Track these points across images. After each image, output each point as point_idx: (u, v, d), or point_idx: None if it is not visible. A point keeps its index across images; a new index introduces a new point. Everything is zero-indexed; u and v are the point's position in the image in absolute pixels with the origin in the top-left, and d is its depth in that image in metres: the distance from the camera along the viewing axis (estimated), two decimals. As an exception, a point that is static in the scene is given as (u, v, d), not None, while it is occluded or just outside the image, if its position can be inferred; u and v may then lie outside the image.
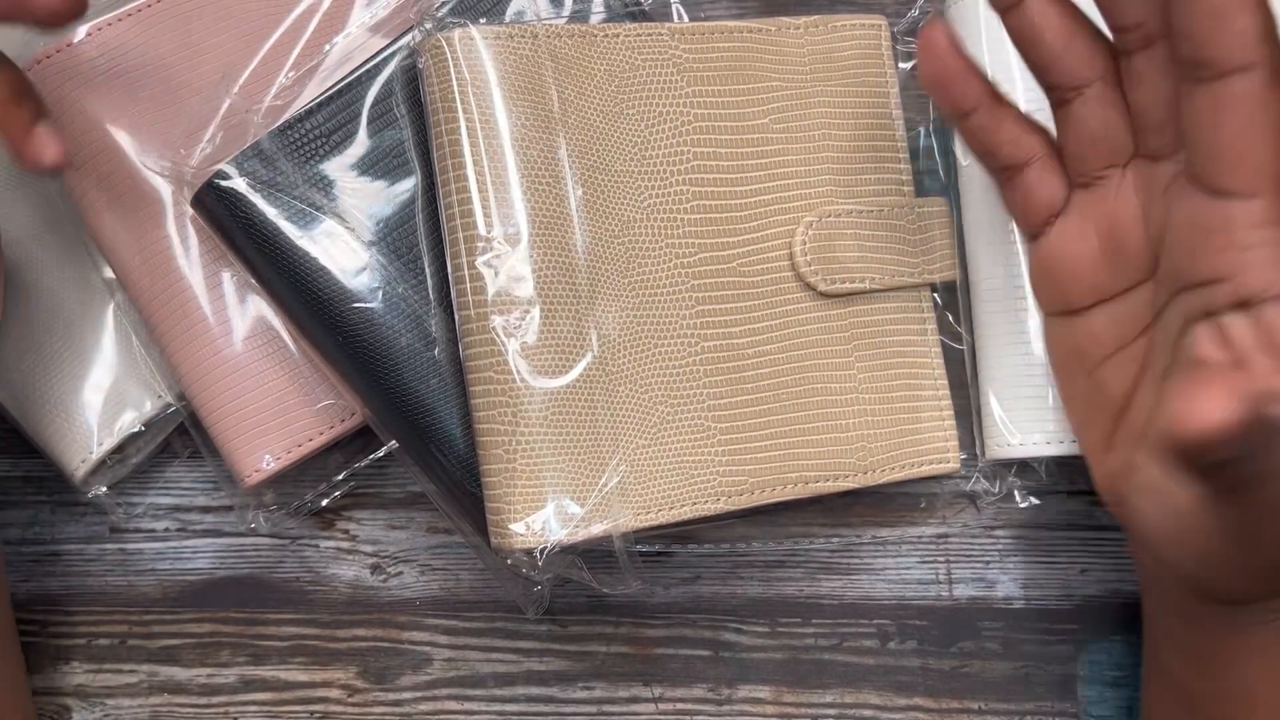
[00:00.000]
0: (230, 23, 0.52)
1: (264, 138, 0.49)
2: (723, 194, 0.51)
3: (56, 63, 0.50)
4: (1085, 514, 0.56)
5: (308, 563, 0.56)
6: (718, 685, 0.55)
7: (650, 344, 0.48)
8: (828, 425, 0.51)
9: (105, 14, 0.51)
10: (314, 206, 0.49)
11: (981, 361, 0.54)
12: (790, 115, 0.53)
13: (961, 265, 0.55)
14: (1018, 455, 0.52)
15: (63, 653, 0.56)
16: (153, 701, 0.56)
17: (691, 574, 0.56)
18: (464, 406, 0.49)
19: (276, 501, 0.55)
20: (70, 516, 0.57)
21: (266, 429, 0.52)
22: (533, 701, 0.55)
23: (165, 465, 0.57)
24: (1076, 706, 0.55)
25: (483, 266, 0.46)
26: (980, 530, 0.56)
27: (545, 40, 0.48)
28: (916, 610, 0.56)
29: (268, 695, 0.56)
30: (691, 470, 0.48)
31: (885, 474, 0.52)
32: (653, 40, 0.50)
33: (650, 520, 0.47)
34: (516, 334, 0.46)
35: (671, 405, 0.48)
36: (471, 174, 0.46)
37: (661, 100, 0.50)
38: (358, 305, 0.49)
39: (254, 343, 0.52)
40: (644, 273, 0.49)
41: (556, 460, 0.46)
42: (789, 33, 0.53)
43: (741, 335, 0.50)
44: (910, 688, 0.55)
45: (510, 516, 0.45)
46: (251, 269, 0.50)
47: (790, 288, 0.52)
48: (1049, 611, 0.55)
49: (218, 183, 0.48)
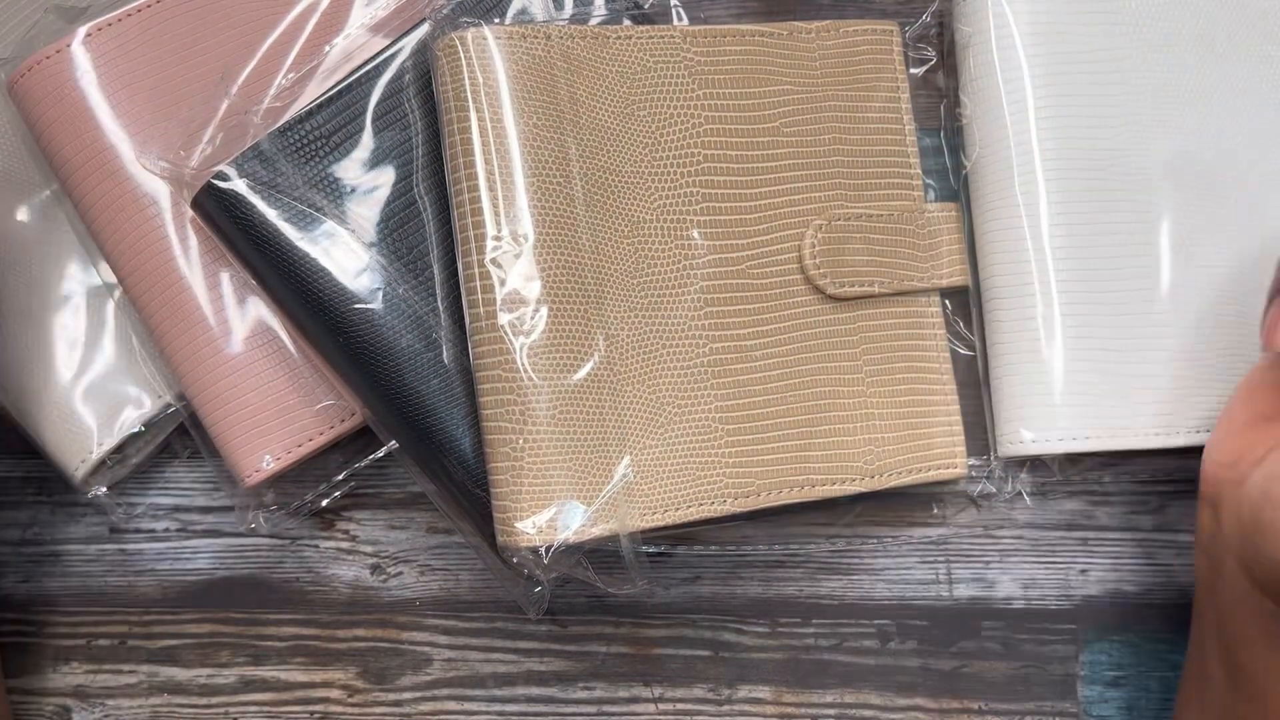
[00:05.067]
0: (230, 23, 0.52)
1: (264, 139, 0.49)
2: (733, 196, 0.51)
3: (56, 63, 0.50)
4: (1085, 514, 0.56)
5: (308, 563, 0.56)
6: (718, 685, 0.55)
7: (658, 345, 0.48)
8: (835, 429, 0.51)
9: (105, 14, 0.51)
10: (314, 208, 0.49)
11: (993, 361, 0.54)
12: (801, 119, 0.53)
13: (971, 270, 0.55)
14: (1030, 452, 0.53)
15: (63, 653, 0.56)
16: (153, 702, 0.56)
17: (692, 574, 0.56)
18: (465, 407, 0.49)
19: (276, 501, 0.55)
20: (70, 516, 0.57)
21: (266, 429, 0.52)
22: (533, 702, 0.55)
23: (165, 465, 0.57)
24: (1076, 706, 0.55)
25: (492, 265, 0.46)
26: (980, 530, 0.56)
27: (558, 41, 0.48)
28: (917, 610, 0.56)
29: (268, 695, 0.56)
30: (698, 471, 0.48)
31: (892, 479, 0.52)
32: (665, 42, 0.50)
33: (656, 521, 0.47)
34: (525, 333, 0.46)
35: (679, 406, 0.48)
36: (482, 173, 0.46)
37: (672, 102, 0.50)
38: (358, 306, 0.49)
39: (254, 343, 0.51)
40: (653, 274, 0.49)
41: (564, 459, 0.46)
42: (801, 36, 0.53)
43: (750, 337, 0.50)
44: (910, 688, 0.55)
45: (517, 515, 0.45)
46: (252, 270, 0.50)
47: (799, 290, 0.52)
48: (1049, 611, 0.55)
49: (217, 184, 0.48)
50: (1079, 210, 0.53)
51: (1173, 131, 0.54)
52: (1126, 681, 0.55)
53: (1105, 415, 0.53)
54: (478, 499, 0.49)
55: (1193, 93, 0.55)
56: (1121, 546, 0.56)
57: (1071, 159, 0.54)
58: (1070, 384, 0.52)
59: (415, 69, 0.50)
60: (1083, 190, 0.53)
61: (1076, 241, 0.53)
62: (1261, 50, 0.56)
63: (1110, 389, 0.53)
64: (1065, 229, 0.53)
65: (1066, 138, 0.54)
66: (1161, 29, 0.55)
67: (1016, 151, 0.54)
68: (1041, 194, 0.53)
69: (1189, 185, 0.54)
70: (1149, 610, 0.55)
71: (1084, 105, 0.54)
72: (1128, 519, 0.56)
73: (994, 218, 0.54)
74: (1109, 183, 0.54)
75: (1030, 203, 0.53)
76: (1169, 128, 0.54)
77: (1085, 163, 0.54)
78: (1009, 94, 0.54)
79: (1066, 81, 0.54)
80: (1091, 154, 0.54)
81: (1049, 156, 0.53)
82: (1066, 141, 0.54)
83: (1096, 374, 0.53)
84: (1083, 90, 0.54)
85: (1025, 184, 0.53)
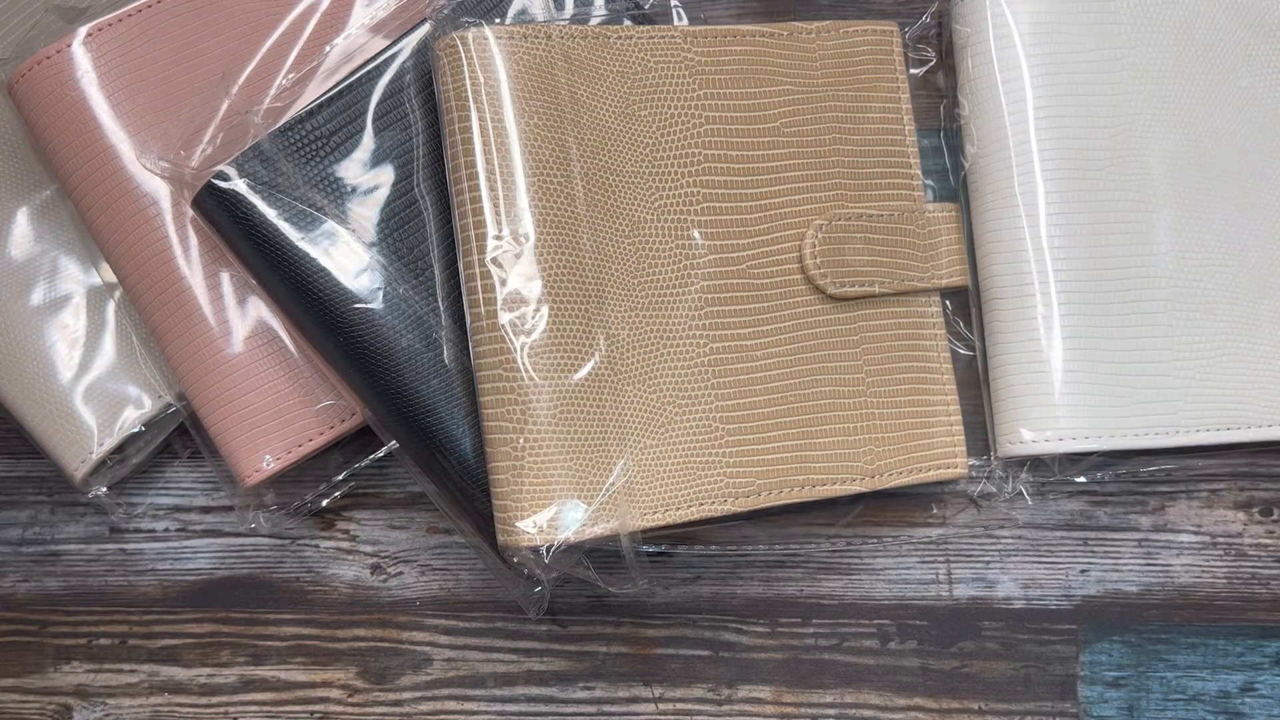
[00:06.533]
0: (230, 23, 0.52)
1: (264, 139, 0.49)
2: (733, 196, 0.51)
3: (56, 63, 0.50)
4: (1085, 514, 0.56)
5: (308, 563, 0.56)
6: (718, 685, 0.55)
7: (659, 344, 0.48)
8: (836, 428, 0.51)
9: (105, 14, 0.51)
10: (315, 208, 0.49)
11: (993, 361, 0.54)
12: (801, 119, 0.53)
13: (971, 270, 0.55)
14: (1030, 452, 0.53)
15: (63, 653, 0.56)
16: (153, 701, 0.56)
17: (692, 574, 0.56)
18: (465, 407, 0.49)
19: (276, 501, 0.55)
20: (70, 516, 0.57)
21: (266, 429, 0.52)
22: (533, 701, 0.55)
23: (165, 465, 0.57)
24: (1076, 706, 0.55)
25: (493, 265, 0.46)
26: (980, 530, 0.56)
27: (559, 41, 0.48)
28: (916, 610, 0.56)
29: (268, 695, 0.56)
30: (699, 471, 0.48)
31: (893, 478, 0.52)
32: (665, 43, 0.50)
33: (657, 520, 0.47)
34: (526, 332, 0.46)
35: (679, 406, 0.48)
36: (483, 173, 0.46)
37: (673, 102, 0.50)
38: (358, 306, 0.49)
39: (254, 343, 0.51)
40: (654, 273, 0.49)
41: (564, 459, 0.46)
42: (801, 37, 0.53)
43: (750, 337, 0.50)
44: (910, 688, 0.55)
45: (518, 514, 0.45)
46: (252, 270, 0.50)
47: (799, 290, 0.52)
48: (1049, 611, 0.55)
49: (218, 184, 0.48)
50: (1078, 210, 0.53)
51: (1172, 131, 0.55)
52: (1126, 681, 0.55)
53: (1105, 415, 0.53)
54: (477, 499, 0.49)
55: (1191, 92, 0.55)
56: (1121, 546, 0.56)
57: (1070, 159, 0.54)
58: (1070, 384, 0.52)
59: (416, 69, 0.50)
60: (1082, 190, 0.54)
61: (1076, 241, 0.53)
62: (1260, 50, 0.56)
63: (1110, 389, 0.53)
64: (1064, 229, 0.53)
65: (1065, 138, 0.54)
66: (1160, 29, 0.55)
67: (1015, 151, 0.54)
68: (1040, 194, 0.53)
69: (1188, 185, 0.54)
70: (1149, 610, 0.55)
71: (1082, 105, 0.54)
72: (1128, 519, 0.56)
73: (993, 218, 0.54)
74: (1108, 182, 0.54)
75: (1029, 203, 0.53)
76: (1168, 127, 0.55)
77: (1084, 162, 0.54)
78: (1008, 94, 0.54)
79: (1065, 81, 0.54)
80: (1090, 154, 0.54)
81: (1048, 156, 0.54)
82: (1065, 141, 0.54)
83: (1096, 374, 0.53)
84: (1081, 90, 0.54)
85: (1024, 184, 0.53)
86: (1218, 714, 0.54)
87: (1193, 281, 0.54)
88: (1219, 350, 0.54)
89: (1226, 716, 0.54)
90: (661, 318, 0.49)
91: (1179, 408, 0.53)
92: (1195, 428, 0.53)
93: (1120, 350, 0.53)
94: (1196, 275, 0.54)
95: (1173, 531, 0.56)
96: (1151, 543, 0.56)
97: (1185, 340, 0.54)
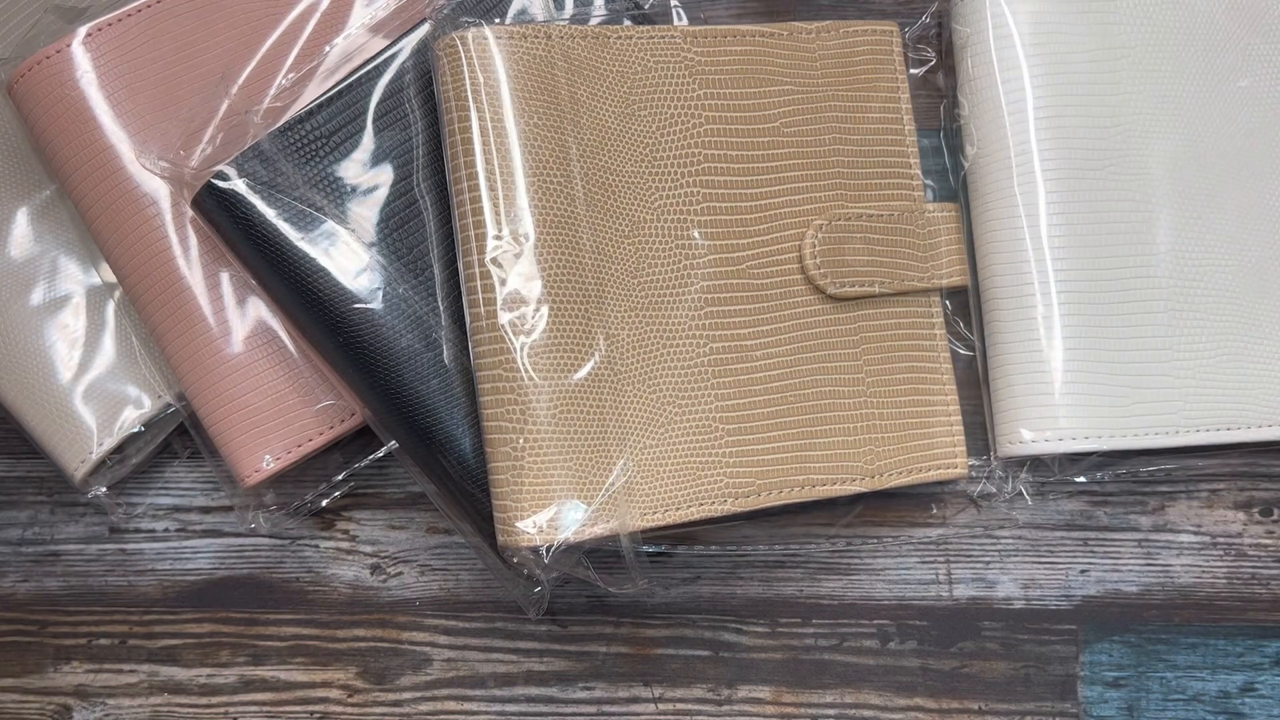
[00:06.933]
0: (230, 23, 0.52)
1: (264, 139, 0.49)
2: (733, 196, 0.51)
3: (56, 63, 0.50)
4: (1085, 514, 0.56)
5: (308, 563, 0.56)
6: (718, 685, 0.55)
7: (659, 344, 0.48)
8: (835, 429, 0.51)
9: (105, 14, 0.51)
10: (314, 208, 0.49)
11: (993, 361, 0.54)
12: (801, 119, 0.53)
13: (971, 270, 0.55)
14: (1030, 452, 0.53)
15: (63, 653, 0.56)
16: (153, 701, 0.56)
17: (692, 574, 0.56)
18: (465, 407, 0.49)
19: (276, 502, 0.55)
20: (70, 516, 0.57)
21: (266, 429, 0.52)
22: (533, 702, 0.55)
23: (165, 465, 0.57)
24: (1076, 707, 0.55)
25: (493, 265, 0.46)
26: (980, 530, 0.56)
27: (558, 41, 0.48)
28: (916, 610, 0.56)
29: (268, 695, 0.56)
30: (699, 471, 0.48)
31: (893, 479, 0.52)
32: (665, 43, 0.50)
33: (657, 520, 0.47)
34: (526, 332, 0.46)
35: (679, 406, 0.48)
36: (483, 173, 0.46)
37: (673, 102, 0.50)
38: (358, 306, 0.49)
39: (254, 343, 0.51)
40: (653, 273, 0.49)
41: (564, 459, 0.46)
42: (801, 37, 0.53)
43: (750, 337, 0.50)
44: (910, 688, 0.55)
45: (517, 514, 0.45)
46: (252, 270, 0.50)
47: (799, 290, 0.52)
48: (1049, 611, 0.55)
49: (217, 184, 0.48)
50: (1078, 210, 0.53)
51: (1171, 131, 0.55)
52: (1126, 681, 0.55)
53: (1105, 415, 0.53)
54: (477, 499, 0.49)
55: (1191, 92, 0.55)
56: (1121, 546, 0.56)
57: (1070, 159, 0.54)
58: (1070, 384, 0.52)
59: (415, 69, 0.50)
60: (1081, 190, 0.54)
61: (1076, 241, 0.53)
62: (1260, 50, 0.56)
63: (1110, 389, 0.53)
64: (1064, 229, 0.53)
65: (1065, 137, 0.54)
66: (1160, 29, 0.55)
67: (1015, 151, 0.54)
68: (1040, 194, 0.53)
69: (1188, 185, 0.54)
70: (1149, 610, 0.55)
71: (1082, 105, 0.54)
72: (1128, 519, 0.56)
73: (993, 218, 0.54)
74: (1108, 182, 0.54)
75: (1029, 203, 0.53)
76: (1168, 127, 0.55)
77: (1084, 162, 0.54)
78: (1007, 94, 0.54)
79: (1065, 81, 0.54)
80: (1090, 153, 0.54)
81: (1047, 156, 0.54)
82: (1065, 141, 0.54)
83: (1096, 374, 0.53)
84: (1081, 90, 0.54)
85: (1024, 184, 0.53)
86: (1218, 714, 0.54)
87: (1193, 281, 0.54)
88: (1219, 350, 0.54)
89: (1226, 716, 0.54)
90: (661, 318, 0.49)
91: (1179, 408, 0.53)
92: (1195, 428, 0.53)
93: (1120, 350, 0.53)
94: (1196, 275, 0.54)
95: (1173, 531, 0.56)
96: (1151, 543, 0.56)
97: (1185, 340, 0.54)
